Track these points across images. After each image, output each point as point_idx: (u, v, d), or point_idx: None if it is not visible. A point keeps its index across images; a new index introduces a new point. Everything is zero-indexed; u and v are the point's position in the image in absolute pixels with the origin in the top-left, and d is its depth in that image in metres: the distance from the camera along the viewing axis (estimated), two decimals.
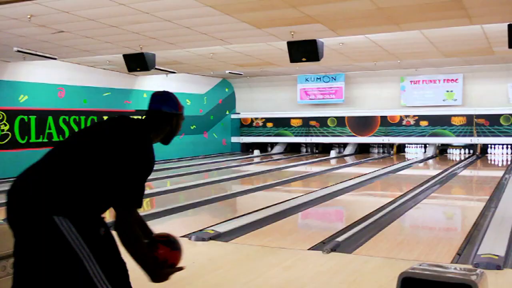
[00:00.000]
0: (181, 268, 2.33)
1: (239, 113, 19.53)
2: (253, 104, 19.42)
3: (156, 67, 11.27)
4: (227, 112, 19.34)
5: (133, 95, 15.30)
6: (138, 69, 10.30)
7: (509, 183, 9.54)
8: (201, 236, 5.31)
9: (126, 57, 10.23)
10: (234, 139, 19.31)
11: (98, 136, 2.19)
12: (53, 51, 10.17)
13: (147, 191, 9.28)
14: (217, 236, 5.31)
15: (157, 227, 6.30)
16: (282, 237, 5.38)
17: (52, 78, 12.76)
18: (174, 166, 13.79)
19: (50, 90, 12.74)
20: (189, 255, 4.72)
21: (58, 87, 12.95)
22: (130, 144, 2.17)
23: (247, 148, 19.39)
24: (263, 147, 19.31)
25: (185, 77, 16.90)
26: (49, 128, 12.73)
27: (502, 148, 16.23)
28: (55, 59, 11.01)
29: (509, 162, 14.21)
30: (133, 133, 2.22)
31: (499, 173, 11.22)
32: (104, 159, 2.10)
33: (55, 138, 12.87)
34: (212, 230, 5.50)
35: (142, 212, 7.37)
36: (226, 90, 19.37)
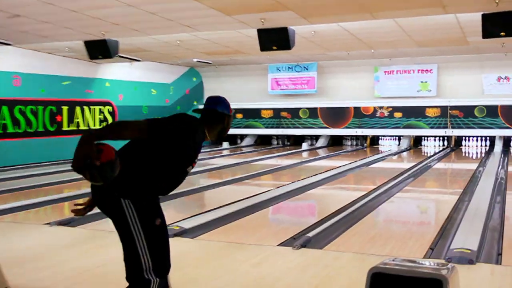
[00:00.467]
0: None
1: None
2: (222, 94, 19.18)
3: (120, 54, 11.11)
4: (195, 103, 19.25)
5: (95, 84, 15.08)
6: (100, 57, 10.14)
7: (483, 176, 9.76)
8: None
9: (88, 43, 10.05)
10: None
11: (158, 127, 2.69)
12: (8, 36, 9.93)
13: None
14: (183, 233, 5.29)
15: None
16: (251, 233, 5.39)
17: (6, 65, 12.46)
18: None
19: (4, 78, 12.45)
20: None
21: (13, 75, 12.66)
22: (181, 128, 2.72)
23: (215, 140, 19.32)
24: (232, 139, 19.29)
25: (151, 66, 16.73)
26: (3, 119, 12.44)
27: (477, 140, 16.59)
28: (10, 45, 10.75)
29: (483, 155, 14.54)
30: (186, 122, 2.76)
31: (473, 166, 11.47)
32: (162, 147, 2.67)
33: (10, 130, 12.60)
34: (178, 226, 5.47)
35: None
36: (194, 79, 19.26)
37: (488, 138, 16.44)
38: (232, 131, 18.89)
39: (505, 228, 5.40)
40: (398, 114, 16.98)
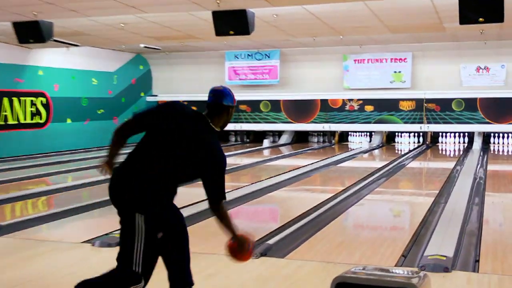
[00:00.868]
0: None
1: (156, 95, 19.30)
2: (173, 84, 19.24)
3: (55, 38, 10.91)
4: (142, 94, 19.07)
5: (26, 72, 14.76)
6: (32, 41, 9.94)
7: (461, 175, 10.01)
8: (108, 241, 5.23)
9: (17, 25, 9.83)
10: None
11: (182, 137, 3.24)
12: None
13: (43, 188, 9.00)
14: None
15: (54, 232, 6.13)
16: (204, 241, 5.38)
17: None
18: (77, 158, 13.46)
19: None
20: (93, 264, 4.64)
21: None
22: (212, 146, 3.28)
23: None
24: None
25: (91, 52, 16.48)
26: None
27: (454, 136, 16.98)
28: None
29: (461, 152, 14.89)
30: (211, 135, 3.32)
31: (450, 165, 11.74)
32: (187, 161, 3.21)
33: None
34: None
35: (35, 213, 7.16)
36: (141, 67, 19.08)
37: (466, 134, 16.86)
38: None
39: (483, 233, 5.56)
40: (369, 108, 17.23)
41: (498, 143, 16.55)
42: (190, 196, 7.92)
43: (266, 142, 17.54)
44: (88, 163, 12.44)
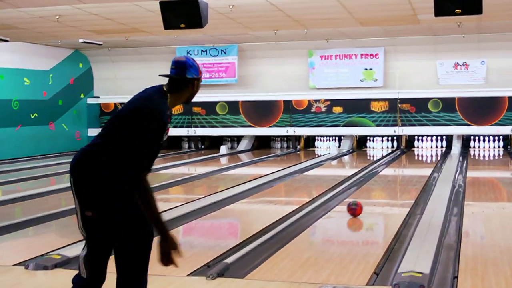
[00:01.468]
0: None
1: (98, 97, 19.12)
2: (117, 84, 19.09)
3: None
4: (82, 96, 18.88)
5: None
6: None
7: (438, 183, 10.19)
8: (43, 263, 5.17)
9: None
10: (92, 132, 18.85)
11: (124, 109, 3.37)
12: None
13: None
14: (66, 263, 5.20)
15: None
16: (155, 260, 5.35)
17: None
18: (8, 168, 13.23)
19: None
20: None
21: None
22: (142, 111, 3.32)
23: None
24: None
25: (22, 48, 16.25)
26: None
27: (431, 140, 17.28)
28: None
29: (438, 158, 15.16)
30: (148, 101, 3.37)
31: (427, 171, 11.94)
32: (125, 131, 3.29)
33: None
34: (59, 254, 5.36)
35: None
36: (80, 65, 18.88)
37: (444, 137, 17.17)
38: None
39: (462, 247, 5.67)
40: (337, 109, 17.39)
41: (479, 147, 16.92)
42: None
43: (223, 149, 17.55)
44: (20, 174, 12.24)
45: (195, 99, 14.93)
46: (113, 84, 19.18)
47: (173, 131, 18.46)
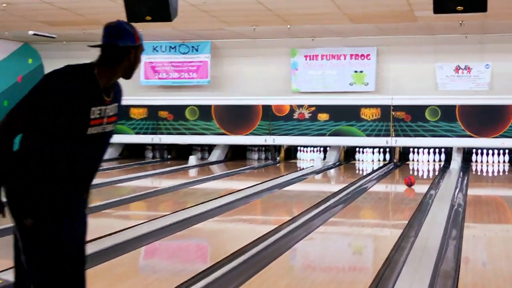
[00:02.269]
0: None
1: None
2: None
3: None
4: None
5: None
6: None
7: (435, 202, 10.26)
8: None
9: None
10: None
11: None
12: None
13: None
14: None
15: None
16: (112, 285, 5.34)
17: None
18: None
19: None
20: None
21: None
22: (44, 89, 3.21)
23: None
24: None
25: None
26: None
27: (428, 153, 17.38)
28: None
29: (436, 173, 15.26)
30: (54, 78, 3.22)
31: (423, 188, 12.02)
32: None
33: None
34: (0, 279, 5.31)
35: None
36: (30, 61, 18.78)
37: (443, 150, 17.28)
38: None
39: (461, 274, 5.71)
40: (323, 116, 17.44)
41: (481, 161, 17.06)
42: (92, 229, 7.82)
43: (193, 160, 17.50)
44: None
45: (162, 102, 15.00)
46: None
47: (135, 139, 18.42)
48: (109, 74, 3.37)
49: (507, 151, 16.96)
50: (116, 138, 18.34)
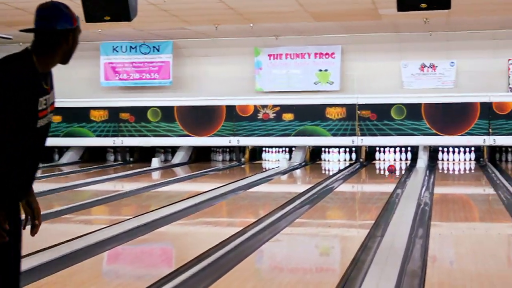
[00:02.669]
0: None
1: None
2: None
3: None
4: None
5: None
6: None
7: (402, 200, 10.35)
8: None
9: None
10: None
11: None
12: None
13: None
14: None
15: None
16: None
17: None
18: None
19: None
20: None
21: None
22: None
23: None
24: (46, 153, 18.79)
25: None
26: None
27: (394, 152, 17.53)
28: None
29: (403, 172, 15.40)
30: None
31: (389, 188, 12.12)
32: None
33: None
34: None
35: None
36: None
37: (409, 149, 17.45)
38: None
39: (427, 273, 5.77)
40: (288, 116, 17.50)
41: (448, 159, 17.24)
42: (52, 234, 7.76)
43: (156, 162, 17.45)
44: None
45: (123, 103, 14.89)
46: None
47: (96, 141, 18.31)
48: (48, 60, 3.21)
49: (473, 149, 17.17)
50: (77, 141, 18.29)
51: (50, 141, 13.71)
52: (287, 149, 18.06)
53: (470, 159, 17.20)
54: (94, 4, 8.89)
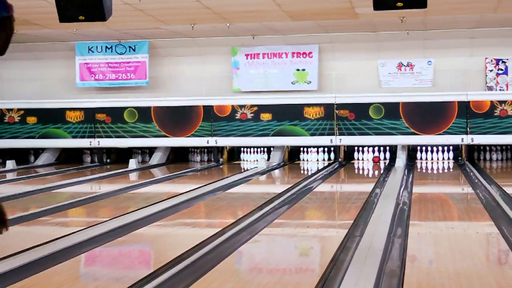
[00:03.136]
0: None
1: None
2: (4, 87, 18.74)
3: None
4: None
5: None
6: None
7: (380, 200, 10.42)
8: None
9: None
10: None
11: None
12: None
13: None
14: None
15: None
16: None
17: None
18: None
19: None
20: None
21: None
22: None
23: None
24: (21, 155, 18.70)
25: None
26: None
27: (373, 151, 17.62)
28: None
29: (381, 171, 15.49)
30: None
31: (368, 187, 12.18)
32: None
33: None
34: None
35: None
36: None
37: (387, 148, 17.55)
38: (20, 143, 18.30)
39: (406, 272, 5.82)
40: (266, 116, 17.54)
41: (426, 158, 17.36)
42: (29, 237, 7.73)
43: (133, 163, 17.42)
44: None
45: (99, 104, 14.85)
46: None
47: (72, 143, 18.24)
48: None
49: (451, 147, 17.31)
50: (52, 143, 18.21)
51: (26, 143, 13.76)
52: (265, 149, 18.10)
53: (448, 158, 17.34)
54: (68, 4, 8.86)
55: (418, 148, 17.50)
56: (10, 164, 17.47)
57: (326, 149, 17.83)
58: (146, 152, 18.78)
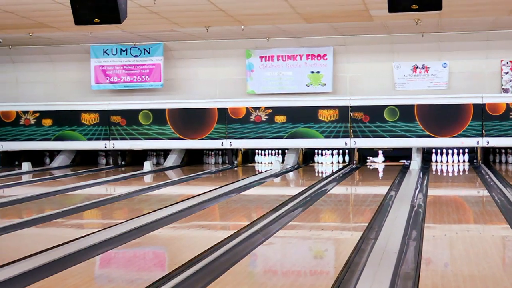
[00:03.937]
0: None
1: None
2: (19, 89, 18.81)
3: None
4: None
5: None
6: None
7: (395, 203, 10.38)
8: None
9: None
10: None
11: None
12: None
13: None
14: None
15: None
16: None
17: None
18: None
19: None
20: None
21: None
22: None
23: (10, 160, 18.72)
24: (37, 157, 18.78)
25: None
26: None
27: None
28: None
29: (396, 173, 15.40)
30: None
31: (383, 190, 12.15)
32: None
33: None
34: None
35: None
36: None
37: (402, 150, 17.48)
38: (36, 145, 18.38)
39: (421, 275, 5.79)
40: (280, 119, 17.53)
41: (441, 161, 17.30)
42: (43, 239, 7.75)
43: (148, 165, 17.44)
44: None
45: (114, 106, 14.89)
46: (13, 88, 18.88)
47: (87, 145, 18.29)
48: None
49: (466, 150, 17.23)
50: (68, 145, 18.27)
51: (41, 145, 13.83)
52: (279, 151, 18.10)
53: (463, 161, 17.27)
54: (84, 7, 8.89)
55: (433, 150, 17.44)
56: (26, 166, 17.56)
57: (340, 151, 17.81)
58: (161, 154, 18.82)
